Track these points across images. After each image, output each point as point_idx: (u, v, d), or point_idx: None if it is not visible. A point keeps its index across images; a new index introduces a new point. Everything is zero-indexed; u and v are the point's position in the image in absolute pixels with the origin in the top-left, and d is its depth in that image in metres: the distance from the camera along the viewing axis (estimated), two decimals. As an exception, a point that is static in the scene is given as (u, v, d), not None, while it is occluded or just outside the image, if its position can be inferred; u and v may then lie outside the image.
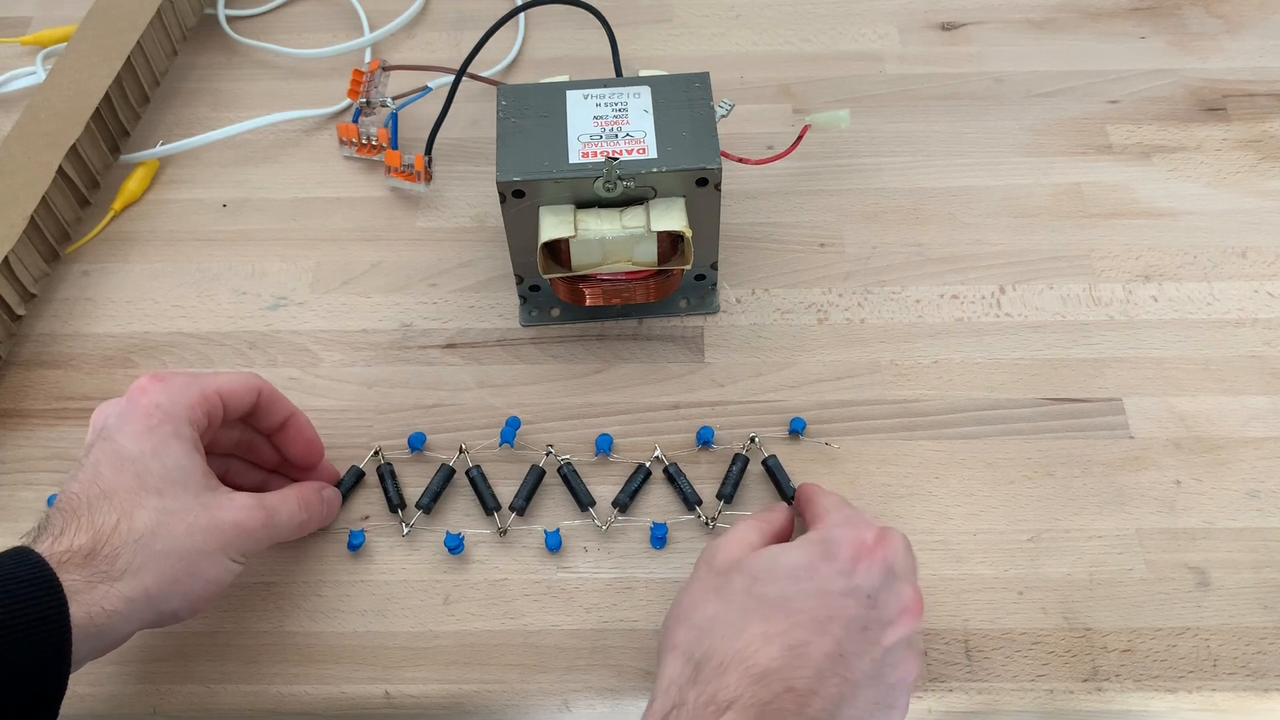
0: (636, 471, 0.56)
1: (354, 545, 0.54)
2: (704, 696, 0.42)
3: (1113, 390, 0.59)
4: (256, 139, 0.72)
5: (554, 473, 0.56)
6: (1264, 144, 0.69)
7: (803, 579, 0.45)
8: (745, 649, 0.43)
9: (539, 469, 0.56)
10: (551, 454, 0.56)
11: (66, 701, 0.41)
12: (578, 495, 0.55)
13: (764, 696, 0.41)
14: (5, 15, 0.81)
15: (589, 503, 0.55)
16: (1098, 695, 0.50)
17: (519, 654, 0.52)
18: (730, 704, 0.41)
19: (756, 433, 0.57)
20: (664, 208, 0.55)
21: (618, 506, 0.55)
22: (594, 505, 0.55)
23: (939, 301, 0.63)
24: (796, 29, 0.78)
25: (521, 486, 0.55)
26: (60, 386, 0.61)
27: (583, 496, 0.55)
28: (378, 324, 0.63)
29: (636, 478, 0.55)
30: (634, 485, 0.55)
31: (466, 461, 0.57)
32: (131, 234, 0.68)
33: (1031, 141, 0.70)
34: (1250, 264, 0.63)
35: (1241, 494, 0.55)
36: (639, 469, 0.56)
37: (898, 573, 0.46)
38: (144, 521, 0.44)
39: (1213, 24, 0.76)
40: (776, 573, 0.45)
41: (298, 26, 0.80)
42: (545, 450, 0.57)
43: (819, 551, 0.46)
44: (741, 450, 0.56)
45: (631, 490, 0.55)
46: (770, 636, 0.43)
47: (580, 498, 0.55)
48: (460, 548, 0.54)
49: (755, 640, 0.43)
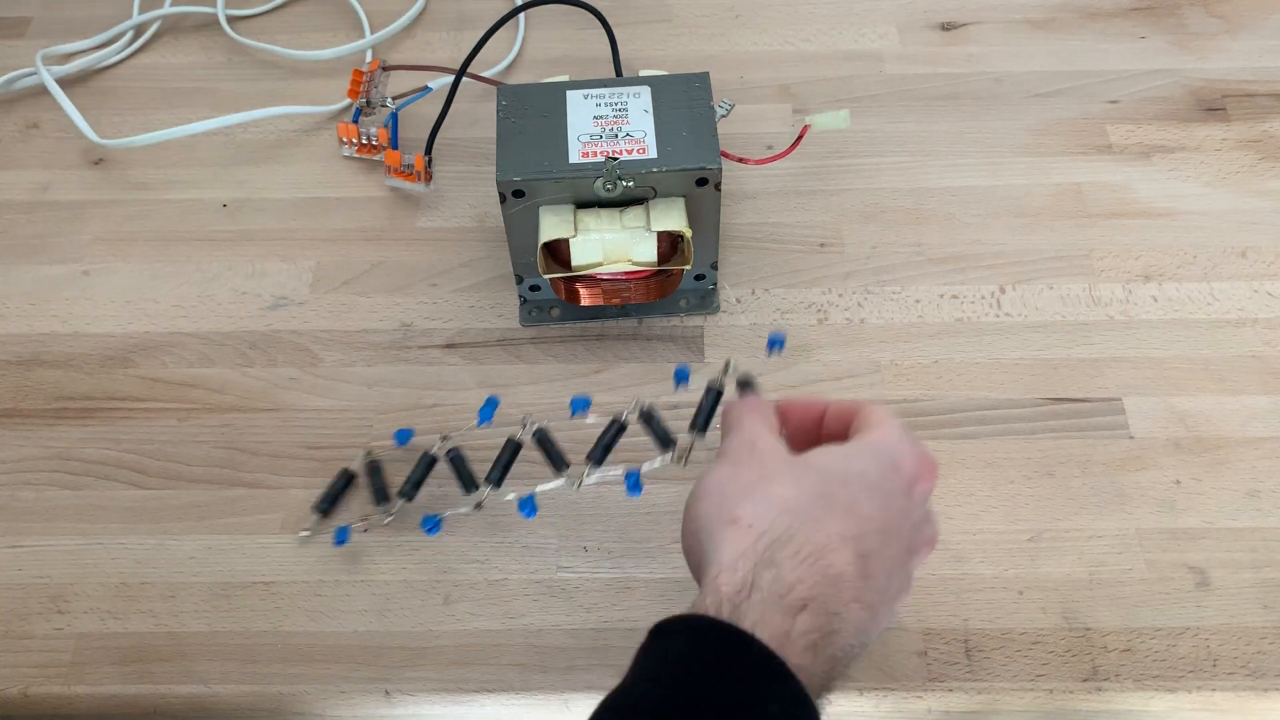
0: (610, 425, 0.53)
1: (340, 541, 0.54)
2: (780, 585, 0.39)
3: (1113, 390, 0.59)
4: (256, 139, 0.72)
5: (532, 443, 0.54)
6: (1264, 144, 0.69)
7: (873, 486, 0.43)
8: (826, 544, 0.40)
9: (514, 442, 0.54)
10: (527, 424, 0.54)
11: (66, 702, 0.41)
12: (553, 459, 0.53)
13: (835, 606, 0.40)
14: (5, 15, 0.81)
15: (563, 465, 0.53)
16: (1097, 695, 0.50)
17: (519, 654, 0.52)
18: (806, 604, 0.39)
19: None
20: (664, 208, 0.55)
21: (592, 461, 0.53)
22: (568, 467, 0.53)
23: (939, 301, 0.63)
24: (796, 29, 0.78)
25: (497, 460, 0.54)
26: (60, 386, 0.61)
27: (557, 460, 0.53)
28: (378, 324, 0.63)
29: (609, 431, 0.53)
30: (606, 438, 0.53)
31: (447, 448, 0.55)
32: (131, 234, 0.68)
33: (1031, 141, 0.70)
34: (1250, 264, 0.63)
35: (1241, 494, 0.55)
36: (612, 422, 0.53)
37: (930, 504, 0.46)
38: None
39: (1213, 24, 0.76)
40: (850, 475, 0.43)
41: (298, 26, 0.80)
42: (520, 422, 0.54)
43: (887, 461, 0.44)
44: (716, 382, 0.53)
45: (605, 444, 0.53)
46: (846, 539, 0.41)
47: (555, 461, 0.53)
48: (437, 528, 0.53)
49: (834, 539, 0.41)
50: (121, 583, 0.54)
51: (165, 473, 0.58)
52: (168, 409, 0.60)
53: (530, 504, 0.53)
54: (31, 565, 0.55)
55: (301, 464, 0.57)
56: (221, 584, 0.54)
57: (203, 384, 0.61)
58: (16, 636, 0.53)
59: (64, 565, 0.55)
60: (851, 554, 0.41)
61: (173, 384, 0.61)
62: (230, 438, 0.59)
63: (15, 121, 0.74)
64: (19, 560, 0.55)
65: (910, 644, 0.51)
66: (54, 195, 0.70)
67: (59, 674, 0.51)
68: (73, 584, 0.54)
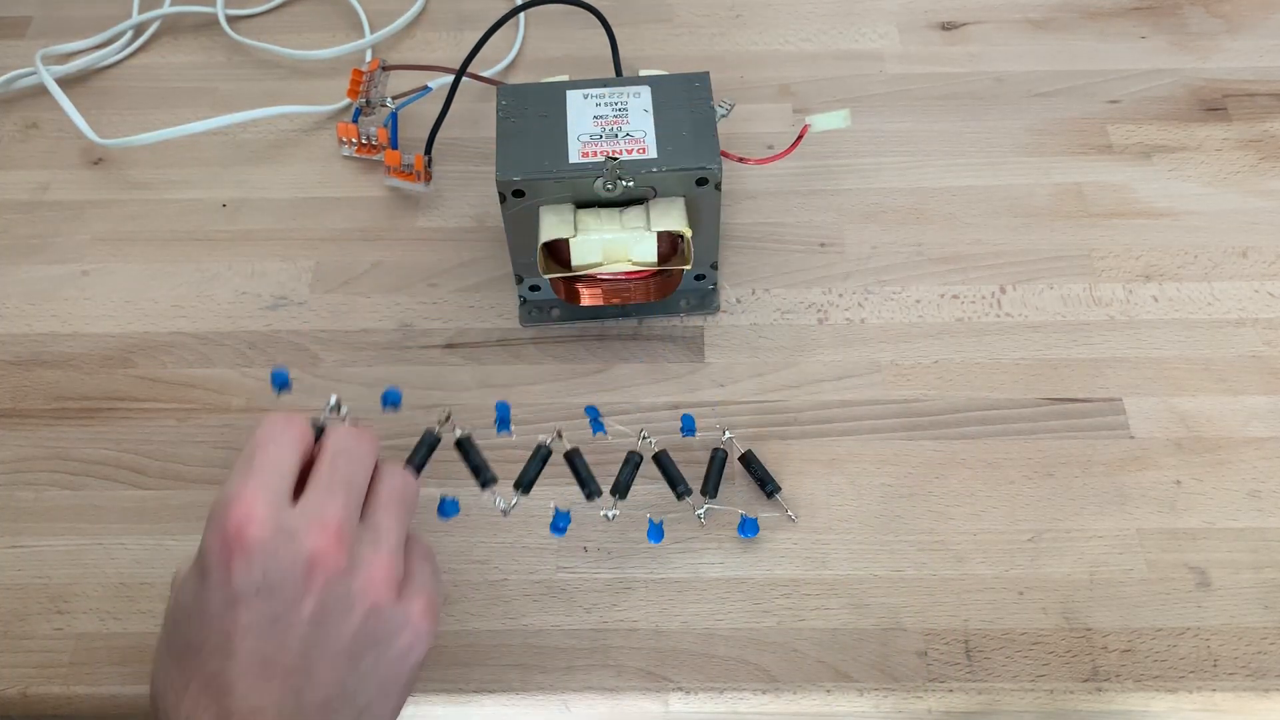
0: (628, 459, 0.53)
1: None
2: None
3: (1113, 390, 0.59)
4: (256, 139, 0.72)
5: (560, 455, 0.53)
6: (1264, 144, 0.69)
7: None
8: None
9: (545, 448, 0.52)
10: (561, 438, 0.53)
11: (66, 701, 0.41)
12: (584, 482, 0.52)
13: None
14: (5, 15, 0.81)
15: (596, 492, 0.52)
16: (1098, 695, 0.50)
17: (519, 654, 0.52)
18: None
19: (756, 431, 0.57)
20: (664, 208, 0.55)
21: (616, 494, 0.53)
22: (599, 495, 0.52)
23: (939, 301, 0.63)
24: (796, 29, 0.78)
25: (529, 465, 0.52)
26: (60, 386, 0.61)
27: (590, 485, 0.52)
28: (378, 324, 0.63)
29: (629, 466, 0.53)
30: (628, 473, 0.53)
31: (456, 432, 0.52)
32: (131, 234, 0.68)
33: (1031, 141, 0.70)
34: (1250, 264, 0.63)
35: (1242, 494, 0.55)
36: (630, 456, 0.53)
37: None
38: None
39: (1213, 24, 0.76)
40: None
41: (298, 26, 0.80)
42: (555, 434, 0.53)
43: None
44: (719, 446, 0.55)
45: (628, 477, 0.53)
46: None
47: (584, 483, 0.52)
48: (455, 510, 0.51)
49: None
50: (121, 583, 0.54)
51: (165, 473, 0.58)
52: (167, 409, 0.60)
53: (565, 519, 0.52)
54: (31, 565, 0.55)
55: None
56: (221, 584, 0.54)
57: (202, 384, 0.61)
58: (16, 636, 0.53)
59: (64, 565, 0.55)
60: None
61: (172, 384, 0.61)
62: (230, 438, 0.59)
63: (15, 121, 0.74)
64: (19, 560, 0.55)
65: (910, 644, 0.51)
66: (53, 195, 0.70)
67: (59, 674, 0.51)
68: (72, 584, 0.54)
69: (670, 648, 0.52)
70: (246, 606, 0.37)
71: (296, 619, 0.38)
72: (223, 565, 0.38)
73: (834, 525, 0.55)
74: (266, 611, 0.37)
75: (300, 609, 0.38)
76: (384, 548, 0.40)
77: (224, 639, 0.37)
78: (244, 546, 0.37)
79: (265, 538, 0.38)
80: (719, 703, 0.50)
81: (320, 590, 0.38)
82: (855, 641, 0.51)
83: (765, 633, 0.52)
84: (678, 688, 0.50)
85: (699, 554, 0.54)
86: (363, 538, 0.40)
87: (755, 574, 0.53)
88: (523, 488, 0.52)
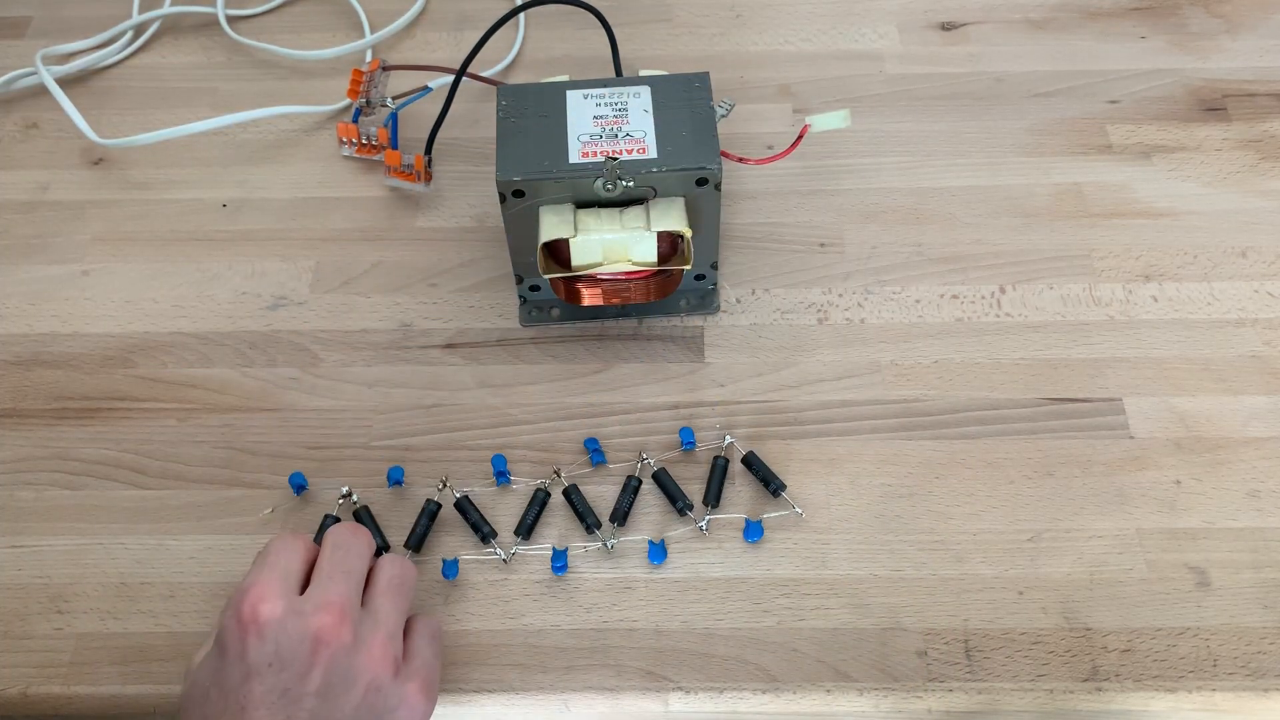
0: (626, 484, 0.55)
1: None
2: None
3: (1113, 390, 0.59)
4: (256, 139, 0.72)
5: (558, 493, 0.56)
6: (1264, 144, 0.69)
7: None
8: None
9: (544, 492, 0.55)
10: (559, 477, 0.56)
11: (66, 701, 0.42)
12: (582, 516, 0.54)
13: None
14: (5, 15, 0.81)
15: (595, 524, 0.54)
16: (1098, 695, 0.50)
17: (519, 654, 0.52)
18: None
19: (756, 431, 0.57)
20: (664, 208, 0.55)
21: (615, 521, 0.55)
22: (599, 527, 0.54)
23: (939, 301, 0.63)
24: (796, 29, 0.78)
25: (527, 511, 0.55)
26: (60, 386, 0.61)
27: (589, 518, 0.54)
28: (378, 324, 0.63)
29: (628, 492, 0.55)
30: (627, 500, 0.55)
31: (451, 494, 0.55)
32: (131, 234, 0.68)
33: (1031, 141, 0.70)
34: (1250, 264, 0.63)
35: (1242, 494, 0.55)
36: (629, 481, 0.55)
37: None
38: None
39: (1213, 24, 0.76)
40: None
41: (298, 26, 0.80)
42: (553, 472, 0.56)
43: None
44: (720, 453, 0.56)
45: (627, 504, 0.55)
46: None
47: (586, 519, 0.54)
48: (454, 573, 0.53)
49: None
50: (121, 583, 0.54)
51: (165, 473, 0.58)
52: (167, 409, 0.60)
53: (563, 558, 0.54)
54: (31, 565, 0.55)
55: (301, 464, 0.57)
56: (221, 584, 0.54)
57: (202, 384, 0.61)
58: (16, 636, 0.53)
59: (64, 565, 0.55)
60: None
61: (172, 384, 0.61)
62: (230, 438, 0.59)
63: (15, 121, 0.74)
64: (19, 560, 0.55)
65: (910, 644, 0.51)
66: (53, 195, 0.70)
67: (59, 674, 0.51)
68: (72, 584, 0.54)
69: (670, 647, 0.52)
70: (260, 679, 0.42)
71: (305, 691, 0.42)
72: (239, 641, 0.43)
73: (834, 525, 0.55)
74: (278, 684, 0.42)
75: (308, 682, 0.42)
76: (382, 629, 0.45)
77: (240, 710, 0.41)
78: (258, 624, 0.43)
79: (277, 616, 0.43)
80: (719, 702, 0.50)
81: (326, 663, 0.43)
82: (855, 641, 0.51)
83: (765, 632, 0.52)
84: (677, 687, 0.51)
85: (699, 554, 0.54)
86: (364, 620, 0.45)
87: (755, 574, 0.54)
88: (522, 534, 0.55)
